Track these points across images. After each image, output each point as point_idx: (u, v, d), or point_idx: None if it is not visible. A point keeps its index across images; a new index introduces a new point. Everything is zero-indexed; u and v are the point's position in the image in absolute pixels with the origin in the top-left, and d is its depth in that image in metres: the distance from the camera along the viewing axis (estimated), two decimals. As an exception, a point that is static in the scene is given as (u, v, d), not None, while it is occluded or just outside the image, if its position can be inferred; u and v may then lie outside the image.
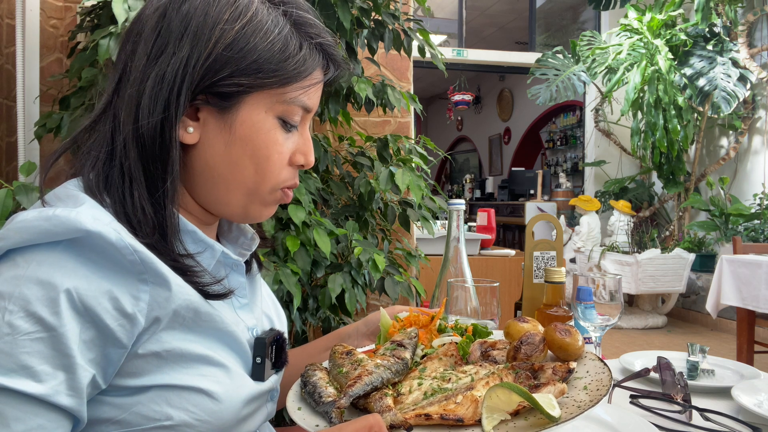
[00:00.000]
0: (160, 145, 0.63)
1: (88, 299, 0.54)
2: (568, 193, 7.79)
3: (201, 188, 0.69)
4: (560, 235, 1.33)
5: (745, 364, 1.20)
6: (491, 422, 0.60)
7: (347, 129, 2.23)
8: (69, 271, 0.54)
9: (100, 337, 0.55)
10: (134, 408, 0.58)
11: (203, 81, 0.63)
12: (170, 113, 0.62)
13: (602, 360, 0.75)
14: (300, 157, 0.71)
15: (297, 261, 1.56)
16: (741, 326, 3.15)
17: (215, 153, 0.67)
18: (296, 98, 0.67)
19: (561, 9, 8.43)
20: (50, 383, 0.52)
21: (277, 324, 0.82)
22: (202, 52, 0.62)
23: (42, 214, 0.55)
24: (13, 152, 2.16)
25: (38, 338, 0.51)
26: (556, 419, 0.59)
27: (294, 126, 0.70)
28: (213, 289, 0.65)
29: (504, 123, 11.14)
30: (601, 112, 6.46)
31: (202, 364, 0.62)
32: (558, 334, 0.75)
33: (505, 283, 3.04)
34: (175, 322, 0.60)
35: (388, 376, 0.70)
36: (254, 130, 0.66)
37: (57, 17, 2.20)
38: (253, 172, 0.67)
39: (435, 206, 1.98)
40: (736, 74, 5.05)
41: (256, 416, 0.71)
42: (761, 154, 5.25)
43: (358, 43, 1.91)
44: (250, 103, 0.65)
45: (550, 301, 1.12)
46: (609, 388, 0.66)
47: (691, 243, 5.39)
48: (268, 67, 0.64)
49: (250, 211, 0.71)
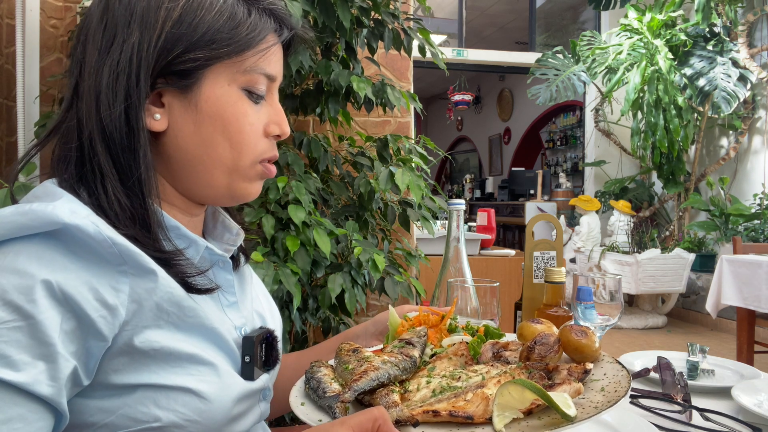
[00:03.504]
0: (128, 136, 0.63)
1: (68, 288, 0.53)
2: (568, 193, 7.79)
3: (180, 175, 0.68)
4: (560, 235, 1.33)
5: (745, 364, 1.20)
6: (502, 420, 0.58)
7: (347, 129, 2.23)
8: (47, 261, 0.53)
9: (81, 328, 0.54)
10: (121, 410, 0.57)
11: (159, 63, 0.63)
12: (132, 101, 0.62)
13: (620, 362, 0.72)
14: (274, 127, 0.70)
15: (297, 261, 1.56)
16: (741, 326, 3.15)
17: (186, 136, 0.66)
18: (256, 65, 0.67)
19: (561, 9, 8.43)
20: (30, 372, 0.50)
21: (270, 322, 0.80)
22: (152, 35, 0.62)
23: (18, 209, 0.55)
24: (13, 152, 2.16)
25: (16, 327, 0.50)
26: (571, 418, 0.56)
27: (261, 96, 0.69)
28: (197, 281, 0.64)
29: (504, 123, 11.14)
30: (601, 112, 6.46)
31: (190, 363, 0.61)
32: (573, 335, 0.72)
33: (505, 283, 3.04)
34: (161, 319, 0.59)
35: (396, 373, 0.68)
36: (220, 104, 0.66)
37: (57, 17, 2.20)
38: (229, 148, 0.67)
39: (435, 206, 1.98)
40: (736, 74, 5.05)
41: (248, 416, 0.70)
42: (761, 154, 5.25)
43: (358, 43, 1.90)
44: (211, 78, 0.65)
45: (550, 301, 1.12)
46: (628, 390, 0.63)
47: (691, 243, 5.39)
48: (220, 37, 0.64)
49: (234, 189, 0.70)
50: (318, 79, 1.89)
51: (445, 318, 0.87)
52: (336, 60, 1.89)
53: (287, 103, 1.93)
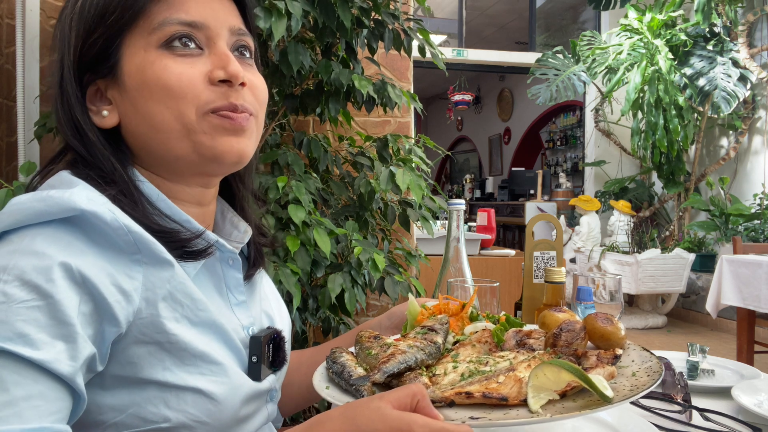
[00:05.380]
0: (81, 136, 0.65)
1: (86, 271, 0.53)
2: (568, 193, 7.79)
3: (152, 160, 0.68)
4: (560, 235, 1.33)
5: (745, 364, 1.20)
6: (538, 402, 0.57)
7: (347, 129, 2.23)
8: (64, 245, 0.54)
9: (97, 312, 0.54)
10: (131, 409, 0.58)
11: (79, 60, 0.66)
12: (72, 103, 0.65)
13: (647, 349, 0.72)
14: (218, 72, 0.65)
15: (297, 261, 1.56)
16: (741, 326, 3.15)
17: (132, 119, 0.66)
18: (166, 19, 0.64)
19: (561, 9, 8.43)
20: (49, 351, 0.50)
21: (278, 322, 0.80)
22: (69, 36, 0.66)
23: (35, 195, 0.56)
24: (13, 152, 2.16)
25: (34, 306, 0.50)
26: (609, 399, 0.56)
27: (187, 47, 0.65)
28: (196, 244, 0.64)
29: (504, 123, 11.14)
30: (601, 112, 6.46)
31: (202, 361, 0.61)
32: (600, 322, 0.72)
33: (505, 283, 3.04)
34: (176, 311, 0.60)
35: (422, 357, 0.67)
36: (140, 72, 0.64)
37: (57, 17, 2.20)
38: (166, 110, 0.64)
39: (435, 206, 1.98)
40: (736, 74, 5.05)
41: (256, 417, 0.70)
42: (761, 154, 5.25)
43: (358, 43, 1.91)
44: (127, 53, 0.65)
45: (550, 301, 1.12)
46: (661, 374, 0.62)
47: (691, 243, 5.39)
48: (111, 7, 0.64)
49: (200, 149, 0.65)
50: (318, 79, 1.89)
51: (466, 306, 0.87)
52: (336, 60, 1.89)
53: (287, 103, 1.93)
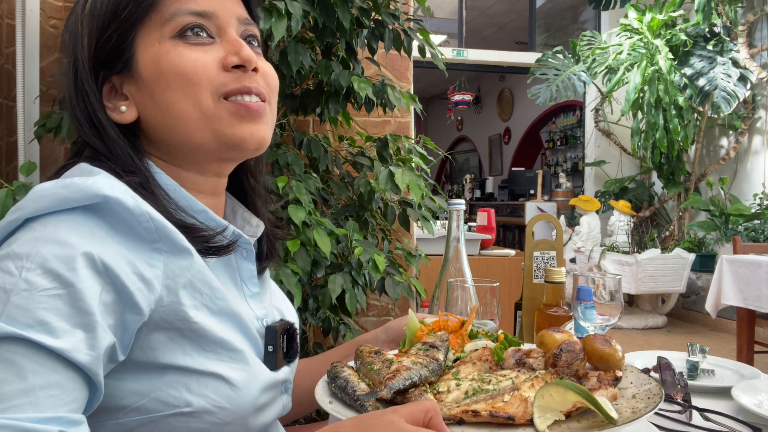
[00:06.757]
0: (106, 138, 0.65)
1: (108, 261, 0.54)
2: (568, 193, 7.79)
3: (171, 151, 0.69)
4: (560, 235, 1.33)
5: (745, 364, 1.20)
6: (545, 422, 0.58)
7: (347, 129, 2.23)
8: (87, 234, 0.54)
9: (119, 301, 0.54)
10: (153, 394, 0.58)
11: (94, 58, 0.66)
12: (91, 101, 0.65)
13: (646, 373, 0.73)
14: (232, 57, 0.67)
15: (297, 261, 1.56)
16: (741, 326, 3.15)
17: (151, 112, 0.66)
18: (177, 10, 0.65)
19: (561, 9, 8.43)
20: (69, 340, 0.50)
21: (288, 317, 0.82)
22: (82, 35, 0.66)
23: (59, 183, 0.56)
24: (13, 152, 2.16)
25: (56, 294, 0.51)
26: (615, 421, 0.57)
27: (200, 35, 0.66)
28: (217, 240, 0.65)
29: (504, 123, 11.14)
30: (601, 112, 6.46)
31: (222, 348, 0.62)
32: (598, 344, 0.72)
33: (505, 283, 3.04)
34: (196, 300, 0.60)
35: (426, 374, 0.68)
36: (156, 62, 0.65)
37: (57, 17, 2.19)
38: (183, 98, 0.65)
39: (435, 206, 1.98)
40: (736, 74, 5.05)
41: (273, 407, 0.71)
42: (761, 154, 5.25)
43: (358, 43, 1.91)
44: (141, 47, 0.66)
45: (550, 301, 1.12)
46: (662, 397, 0.63)
47: (691, 243, 5.39)
48: (121, 2, 0.65)
49: (221, 137, 0.67)
50: (318, 80, 1.89)
51: (466, 323, 0.87)
52: (336, 60, 1.89)
53: (287, 103, 1.93)
